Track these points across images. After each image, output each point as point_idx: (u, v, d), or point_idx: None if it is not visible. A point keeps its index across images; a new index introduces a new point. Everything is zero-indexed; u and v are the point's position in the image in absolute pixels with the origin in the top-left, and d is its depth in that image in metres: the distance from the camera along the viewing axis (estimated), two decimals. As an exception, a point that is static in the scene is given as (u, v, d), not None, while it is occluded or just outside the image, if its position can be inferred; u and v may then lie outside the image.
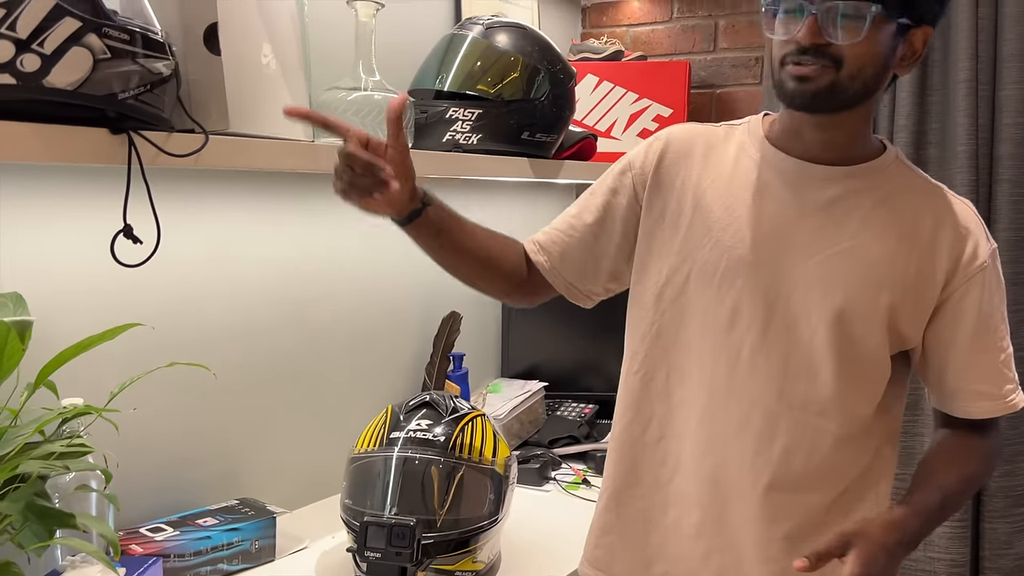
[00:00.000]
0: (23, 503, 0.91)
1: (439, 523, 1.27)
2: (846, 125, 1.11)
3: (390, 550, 1.20)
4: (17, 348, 0.92)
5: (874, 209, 1.12)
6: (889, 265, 1.10)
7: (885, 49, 1.06)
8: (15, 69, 0.86)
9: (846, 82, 1.05)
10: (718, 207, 1.16)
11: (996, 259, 1.14)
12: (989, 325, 1.14)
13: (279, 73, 1.26)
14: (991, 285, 1.13)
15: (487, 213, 2.12)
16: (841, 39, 1.03)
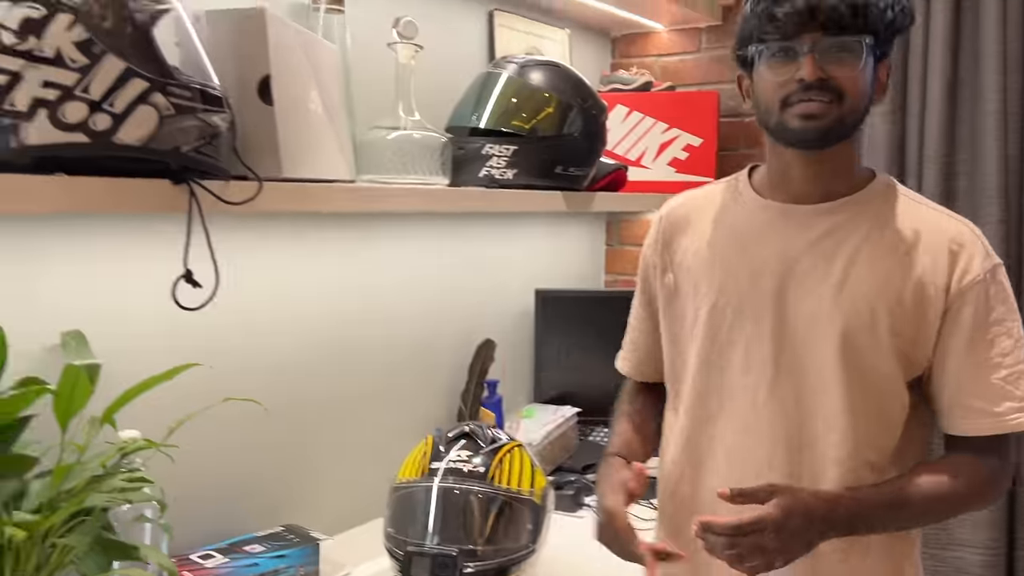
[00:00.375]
0: (91, 536, 0.96)
1: (479, 553, 1.31)
2: (835, 159, 1.15)
3: None
4: (86, 390, 0.97)
5: (864, 240, 1.14)
6: (884, 292, 1.12)
7: (871, 79, 1.12)
8: (88, 128, 0.91)
9: (848, 114, 1.10)
10: (710, 268, 1.22)
11: (998, 274, 1.14)
12: (985, 339, 1.13)
13: (325, 117, 1.32)
14: (989, 300, 1.13)
15: (520, 243, 2.17)
16: (843, 72, 1.08)
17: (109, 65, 0.91)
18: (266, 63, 1.14)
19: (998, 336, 1.13)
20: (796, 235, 1.17)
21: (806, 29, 1.09)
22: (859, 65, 1.09)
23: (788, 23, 1.09)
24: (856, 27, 1.09)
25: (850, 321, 1.13)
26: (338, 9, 1.53)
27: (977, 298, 1.12)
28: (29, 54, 0.87)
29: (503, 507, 1.35)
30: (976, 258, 1.13)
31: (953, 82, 1.92)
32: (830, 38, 1.08)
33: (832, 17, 1.08)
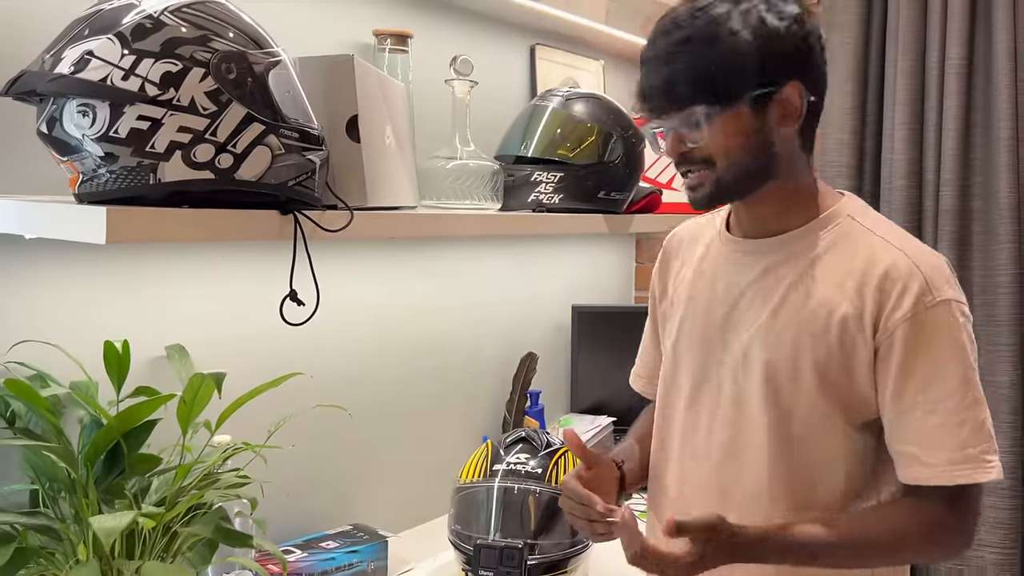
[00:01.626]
0: (213, 526, 1.09)
1: (540, 546, 1.43)
2: (769, 200, 1.14)
3: (501, 569, 1.36)
4: (208, 394, 1.10)
5: (804, 274, 1.12)
6: (809, 328, 1.10)
7: (748, 128, 1.08)
8: (214, 166, 1.04)
9: (726, 175, 1.10)
10: (688, 289, 1.26)
11: (940, 312, 1.06)
12: (915, 382, 1.06)
13: (396, 150, 1.45)
14: (920, 339, 1.06)
15: (558, 261, 2.30)
16: (695, 143, 1.09)
17: (234, 112, 1.04)
18: (354, 104, 1.27)
19: (933, 379, 1.05)
20: (745, 269, 1.18)
21: (662, 107, 1.11)
22: (704, 135, 1.08)
23: (648, 103, 1.13)
24: (686, 101, 1.08)
25: (772, 356, 1.12)
26: (402, 50, 1.67)
27: (906, 337, 1.06)
28: (169, 103, 1.00)
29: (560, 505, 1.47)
30: (909, 294, 1.06)
31: (967, 108, 2.03)
32: (677, 112, 1.09)
33: (666, 95, 1.09)
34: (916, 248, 1.11)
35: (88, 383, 1.21)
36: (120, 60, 0.99)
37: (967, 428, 1.05)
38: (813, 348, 1.10)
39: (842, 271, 1.10)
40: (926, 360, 1.06)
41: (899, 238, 1.13)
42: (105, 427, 1.07)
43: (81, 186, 1.04)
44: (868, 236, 1.13)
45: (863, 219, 1.15)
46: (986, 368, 2.02)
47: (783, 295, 1.13)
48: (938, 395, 1.05)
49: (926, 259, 1.10)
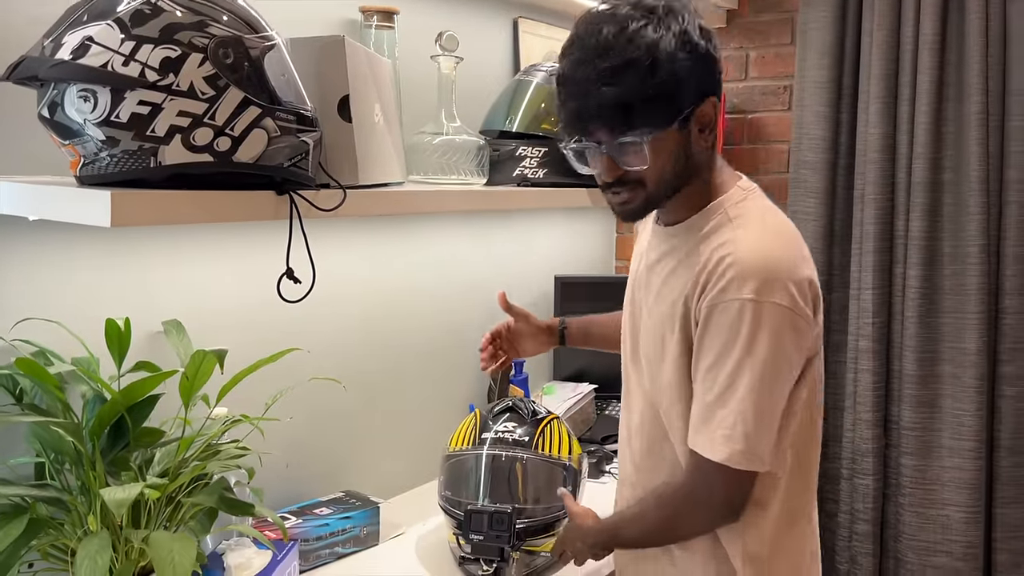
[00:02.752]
0: (216, 495, 1.13)
1: (528, 510, 1.49)
2: (683, 200, 1.22)
3: (491, 533, 1.42)
4: (209, 370, 1.14)
5: (678, 265, 1.23)
6: (673, 307, 1.21)
7: (674, 148, 1.15)
8: (212, 149, 1.07)
9: (656, 191, 1.18)
10: (632, 268, 1.40)
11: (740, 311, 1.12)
12: (702, 363, 1.16)
13: (385, 128, 1.48)
14: (712, 328, 1.14)
15: (541, 233, 2.34)
16: (635, 167, 1.15)
17: (231, 96, 1.07)
18: (345, 85, 1.30)
19: (714, 364, 1.15)
20: (650, 256, 1.30)
21: (599, 129, 1.14)
22: (646, 157, 1.13)
23: (574, 124, 1.16)
24: (634, 125, 1.11)
25: (648, 335, 1.28)
26: (388, 26, 1.69)
27: (704, 321, 1.15)
28: (168, 88, 1.03)
29: (545, 471, 1.53)
30: (718, 286, 1.14)
31: (940, 83, 2.08)
32: (614, 139, 1.13)
33: (606, 121, 1.12)
34: (752, 247, 1.15)
35: (90, 359, 1.24)
36: (120, 46, 1.02)
37: (724, 412, 1.14)
38: (671, 325, 1.21)
39: (699, 258, 1.19)
40: (711, 345, 1.15)
41: (751, 234, 1.17)
42: (110, 402, 1.11)
43: (83, 169, 1.07)
44: (727, 228, 1.19)
45: (734, 212, 1.21)
46: (954, 335, 2.10)
47: (663, 280, 1.25)
48: (712, 377, 1.15)
49: (752, 259, 1.14)
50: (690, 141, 1.16)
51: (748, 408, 1.13)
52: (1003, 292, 2.08)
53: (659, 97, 1.11)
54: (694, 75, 1.12)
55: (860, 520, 2.19)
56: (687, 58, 1.11)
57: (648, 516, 1.27)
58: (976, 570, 2.11)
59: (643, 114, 1.11)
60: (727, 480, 1.16)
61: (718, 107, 1.18)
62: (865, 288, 2.16)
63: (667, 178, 1.17)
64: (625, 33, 1.10)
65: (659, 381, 1.26)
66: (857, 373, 2.18)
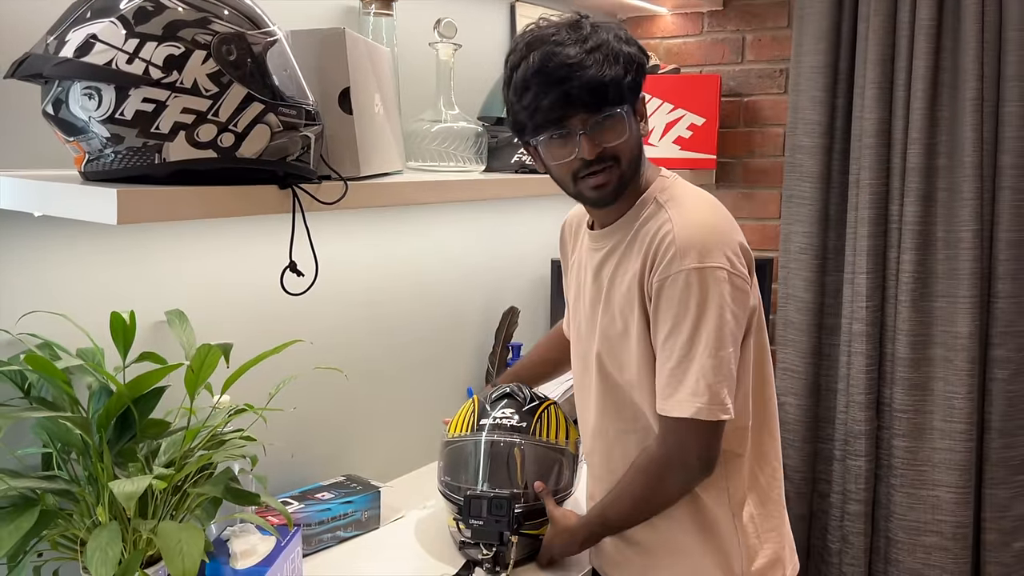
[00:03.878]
0: (222, 486, 1.15)
1: (526, 495, 1.51)
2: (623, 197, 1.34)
3: (490, 518, 1.45)
4: (214, 363, 1.15)
5: (623, 255, 1.33)
6: (626, 295, 1.32)
7: (635, 130, 1.30)
8: (216, 145, 1.08)
9: (628, 170, 1.30)
10: (572, 273, 1.52)
11: (688, 278, 1.23)
12: (660, 332, 1.27)
13: (385, 117, 1.48)
14: (663, 299, 1.25)
15: (538, 217, 2.36)
16: (616, 141, 1.26)
17: (234, 92, 1.08)
18: (346, 77, 1.30)
19: (670, 333, 1.25)
20: (593, 258, 1.40)
21: (572, 113, 1.25)
22: (626, 132, 1.26)
23: (555, 112, 1.25)
24: (612, 101, 1.24)
25: (610, 325, 1.35)
26: (387, 13, 1.69)
27: (656, 296, 1.26)
28: (172, 86, 1.04)
29: (543, 456, 1.56)
30: (663, 262, 1.25)
31: (935, 69, 2.09)
32: (596, 116, 1.25)
33: (590, 99, 1.24)
34: (686, 222, 1.27)
35: (95, 350, 1.26)
36: (124, 44, 1.02)
37: (688, 374, 1.25)
38: (630, 309, 1.31)
39: (641, 244, 1.30)
40: (665, 317, 1.26)
41: (680, 214, 1.29)
42: (116, 394, 1.12)
43: (87, 165, 1.08)
44: (661, 213, 1.31)
45: (663, 199, 1.33)
46: (947, 319, 2.12)
47: (613, 271, 1.35)
48: (671, 346, 1.26)
49: (687, 232, 1.26)
50: (638, 127, 1.31)
51: (706, 364, 1.23)
52: (996, 277, 2.11)
53: (626, 74, 1.25)
54: (637, 72, 1.28)
55: (852, 500, 2.23)
56: (632, 47, 1.29)
57: (628, 491, 1.36)
58: (965, 549, 2.15)
59: (620, 89, 1.25)
60: (698, 435, 1.27)
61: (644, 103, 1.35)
62: (859, 272, 2.18)
63: (635, 158, 1.30)
64: (581, 31, 1.26)
65: (628, 364, 1.35)
66: (851, 356, 2.21)
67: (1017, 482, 2.15)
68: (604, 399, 1.42)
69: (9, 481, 1.07)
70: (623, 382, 1.37)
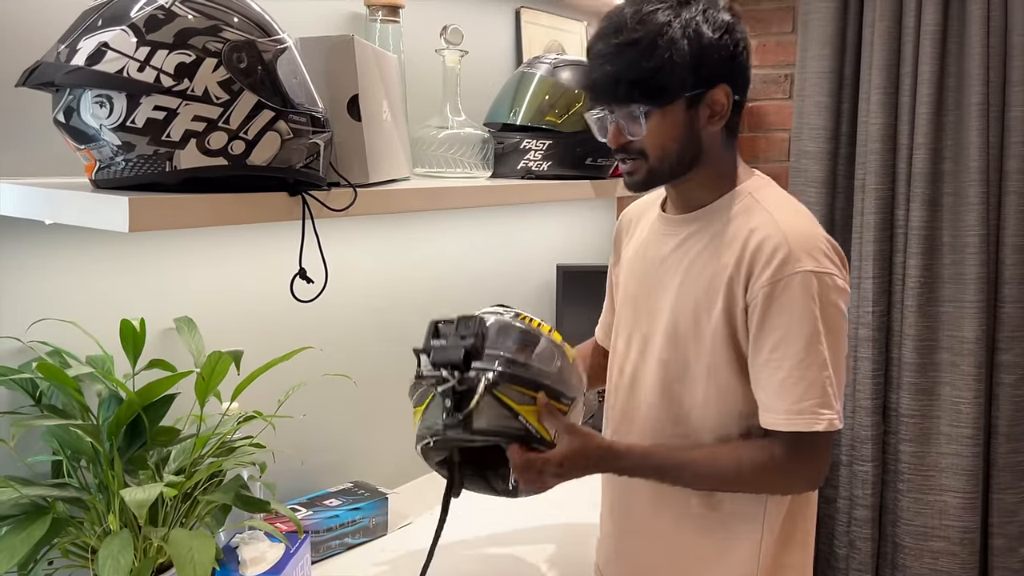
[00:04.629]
0: (233, 493, 1.15)
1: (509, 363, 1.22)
2: (692, 185, 1.28)
3: (456, 338, 1.21)
4: (224, 370, 1.15)
5: (707, 245, 1.26)
6: (708, 288, 1.24)
7: (680, 124, 1.22)
8: (227, 153, 1.08)
9: (657, 165, 1.24)
10: (629, 261, 1.41)
11: (795, 283, 1.17)
12: (768, 341, 1.18)
13: (392, 124, 1.49)
14: (774, 304, 1.18)
15: (544, 223, 2.36)
16: (635, 137, 1.23)
17: (245, 100, 1.08)
18: (355, 84, 1.30)
19: (782, 341, 1.18)
20: (668, 240, 1.33)
21: (606, 100, 1.24)
22: (641, 128, 1.22)
23: (593, 95, 1.26)
24: (628, 98, 1.21)
25: (677, 314, 1.27)
26: (394, 20, 1.69)
27: (764, 300, 1.18)
28: (183, 94, 1.04)
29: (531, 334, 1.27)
30: (772, 263, 1.18)
31: (941, 73, 2.09)
32: (620, 107, 1.22)
33: (608, 93, 1.22)
34: (793, 224, 1.22)
35: (104, 357, 1.26)
36: (135, 52, 1.02)
37: (804, 385, 1.18)
38: (708, 306, 1.24)
39: (734, 240, 1.23)
40: (778, 323, 1.18)
41: (782, 214, 1.23)
42: (127, 402, 1.12)
43: (98, 173, 1.08)
44: (759, 211, 1.24)
45: (760, 196, 1.27)
46: (953, 324, 2.12)
47: (692, 261, 1.28)
48: (784, 355, 1.18)
49: (798, 234, 1.20)
50: (697, 123, 1.23)
51: (830, 374, 1.18)
52: (1002, 281, 2.10)
53: (656, 76, 1.19)
54: (699, 61, 1.20)
55: (859, 506, 2.22)
56: (692, 45, 1.19)
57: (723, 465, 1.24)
58: (972, 554, 2.14)
59: (641, 89, 1.20)
60: (823, 448, 1.21)
61: (733, 98, 1.24)
62: (865, 277, 2.18)
63: (670, 154, 1.24)
64: (638, 15, 1.21)
65: (695, 359, 1.26)
66: (857, 361, 2.21)
67: (1024, 487, 2.15)
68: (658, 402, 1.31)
69: (21, 489, 1.07)
70: (684, 385, 1.28)
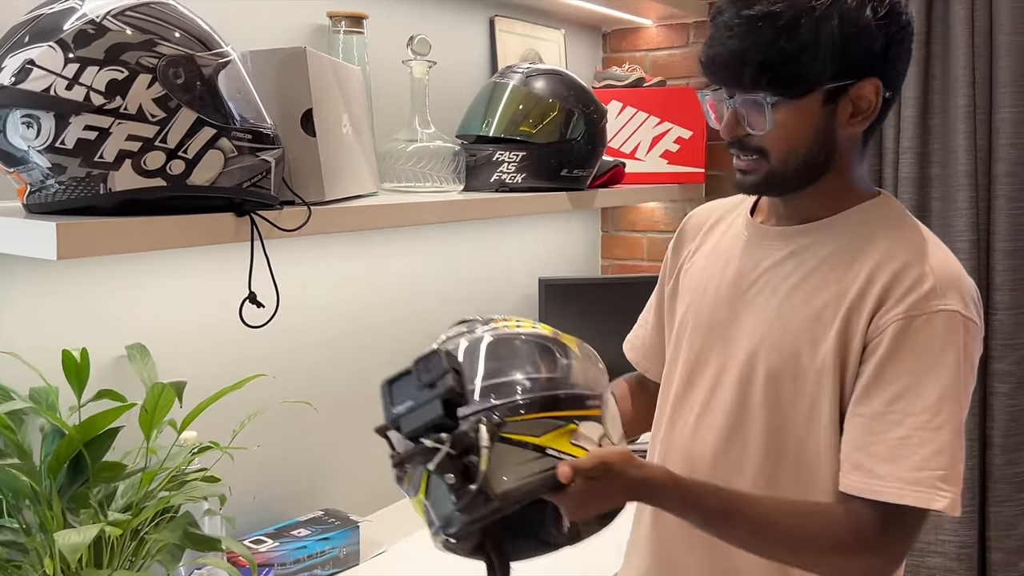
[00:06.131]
0: (181, 531, 1.09)
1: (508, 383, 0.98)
2: (814, 195, 1.08)
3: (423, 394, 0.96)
4: (169, 403, 1.10)
5: (818, 266, 1.06)
6: (816, 322, 1.03)
7: (813, 122, 1.02)
8: (165, 173, 1.02)
9: (781, 168, 1.04)
10: (698, 274, 1.20)
11: (937, 322, 0.98)
12: (889, 387, 0.98)
13: (354, 138, 1.43)
14: (905, 344, 0.98)
15: (524, 235, 2.30)
16: (755, 130, 1.02)
17: (183, 117, 1.02)
18: (308, 98, 1.25)
19: (909, 388, 0.97)
20: (765, 255, 1.12)
21: (725, 81, 1.04)
22: (765, 122, 1.01)
23: (711, 73, 1.05)
24: (754, 84, 1.01)
25: (775, 353, 1.06)
26: (357, 31, 1.64)
27: (896, 336, 0.98)
28: (115, 112, 0.98)
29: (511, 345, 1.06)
30: (913, 294, 0.99)
31: (926, 76, 2.04)
32: (744, 95, 1.02)
33: (728, 74, 1.02)
34: (940, 256, 1.03)
35: (48, 389, 1.20)
36: (63, 69, 0.97)
37: (930, 449, 0.96)
38: (815, 339, 1.03)
39: (857, 264, 1.03)
40: (907, 367, 0.98)
41: (926, 243, 1.04)
42: (66, 438, 1.06)
43: (30, 197, 1.02)
44: (892, 233, 1.05)
45: (890, 217, 1.08)
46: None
47: (796, 283, 1.07)
48: (909, 408, 0.97)
49: (945, 267, 1.01)
50: (835, 123, 1.02)
51: (955, 441, 0.97)
52: (993, 288, 2.05)
53: (795, 61, 0.98)
54: (851, 48, 0.99)
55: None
56: (846, 25, 0.98)
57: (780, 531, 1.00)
58: (970, 570, 2.08)
59: (772, 75, 0.99)
60: (914, 529, 0.99)
61: (884, 96, 1.02)
62: (853, 286, 2.12)
63: (797, 156, 1.03)
64: None
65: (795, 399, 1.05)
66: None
67: (1022, 500, 2.08)
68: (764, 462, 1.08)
69: (-49, 533, 1.01)
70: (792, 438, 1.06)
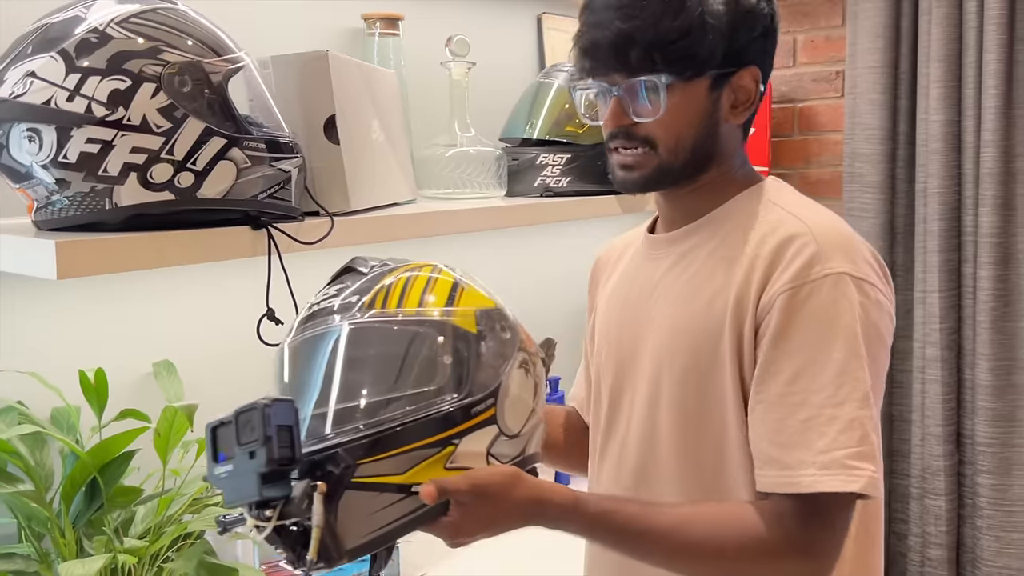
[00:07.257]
0: (196, 561, 1.04)
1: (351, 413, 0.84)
2: (699, 190, 1.03)
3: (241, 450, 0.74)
4: (183, 427, 1.05)
5: (711, 256, 1.01)
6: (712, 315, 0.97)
7: (698, 112, 0.98)
8: (173, 186, 0.98)
9: (670, 159, 0.99)
10: (606, 308, 1.14)
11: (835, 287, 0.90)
12: (785, 367, 0.90)
13: (386, 143, 1.37)
14: (810, 317, 0.90)
15: (572, 240, 2.21)
16: (644, 117, 0.97)
17: (191, 127, 0.97)
18: (331, 104, 1.19)
19: (806, 367, 0.89)
20: (660, 263, 1.06)
21: (607, 69, 0.98)
22: (660, 106, 0.96)
23: (589, 62, 0.99)
24: (644, 66, 0.95)
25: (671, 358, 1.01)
26: (392, 33, 1.58)
27: (783, 310, 0.91)
28: (118, 123, 0.94)
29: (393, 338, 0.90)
30: (794, 265, 0.92)
31: (1009, 62, 1.92)
32: (628, 80, 0.96)
33: (615, 57, 0.96)
34: (823, 220, 0.97)
35: (68, 409, 1.17)
36: (64, 80, 0.93)
37: (838, 425, 0.88)
38: (711, 338, 0.97)
39: (742, 247, 0.98)
40: (800, 341, 0.90)
41: (808, 212, 0.99)
42: (80, 463, 1.03)
43: (37, 213, 0.99)
44: (774, 210, 1.00)
45: (775, 196, 1.02)
46: None
47: (686, 283, 1.02)
48: (810, 385, 0.89)
49: (830, 230, 0.95)
50: (719, 112, 0.99)
51: (866, 415, 0.89)
52: (1088, 290, 1.90)
53: (685, 39, 0.95)
54: (736, 34, 0.97)
55: (933, 544, 2.03)
56: (728, 6, 0.96)
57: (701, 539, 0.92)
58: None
59: (664, 54, 0.95)
60: (843, 515, 0.90)
61: (761, 86, 1.01)
62: (931, 291, 2.02)
63: (684, 145, 0.99)
64: None
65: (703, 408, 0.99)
66: (925, 384, 2.03)
67: None
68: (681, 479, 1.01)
69: (-39, 562, 0.98)
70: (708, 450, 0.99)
